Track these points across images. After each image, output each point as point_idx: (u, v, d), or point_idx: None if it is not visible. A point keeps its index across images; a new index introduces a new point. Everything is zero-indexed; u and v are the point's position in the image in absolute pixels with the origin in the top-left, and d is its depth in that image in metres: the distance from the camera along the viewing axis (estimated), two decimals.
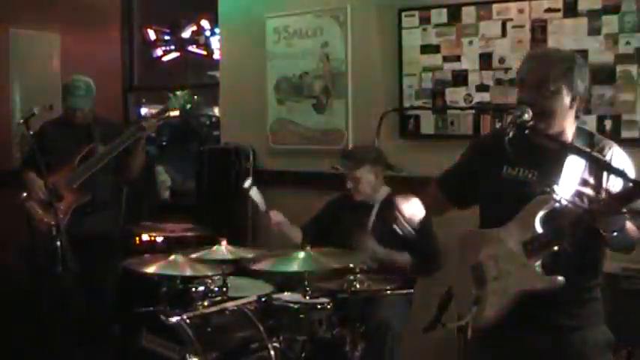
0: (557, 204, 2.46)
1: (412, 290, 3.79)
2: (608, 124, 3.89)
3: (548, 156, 2.55)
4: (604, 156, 2.53)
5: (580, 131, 2.63)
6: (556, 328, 2.56)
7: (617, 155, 2.57)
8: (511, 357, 2.62)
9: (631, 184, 2.30)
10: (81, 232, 4.36)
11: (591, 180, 2.47)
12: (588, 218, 2.35)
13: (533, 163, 2.57)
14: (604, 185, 2.45)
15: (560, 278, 2.41)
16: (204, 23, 6.70)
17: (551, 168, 2.53)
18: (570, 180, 2.49)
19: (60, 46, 6.36)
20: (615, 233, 2.35)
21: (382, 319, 3.68)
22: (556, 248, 2.45)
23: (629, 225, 2.41)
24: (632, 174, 2.49)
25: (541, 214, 2.48)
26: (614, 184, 2.43)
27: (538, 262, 2.47)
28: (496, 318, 2.54)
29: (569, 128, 2.59)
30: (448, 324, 2.86)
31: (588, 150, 2.48)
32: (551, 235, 2.46)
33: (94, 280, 4.52)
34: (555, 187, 2.48)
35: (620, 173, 2.39)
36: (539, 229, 2.48)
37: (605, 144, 2.61)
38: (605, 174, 2.47)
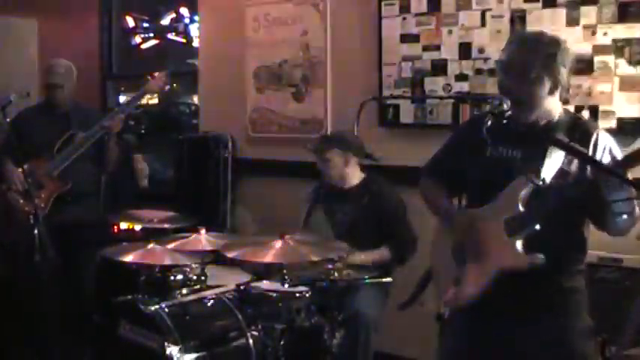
0: (540, 183, 2.47)
1: (391, 279, 3.80)
2: (585, 114, 3.91)
3: (531, 136, 2.56)
4: (588, 142, 2.53)
5: (566, 114, 2.64)
6: (535, 317, 2.57)
7: (602, 140, 2.56)
8: (486, 344, 2.63)
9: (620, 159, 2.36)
10: (60, 221, 4.34)
11: (575, 159, 2.49)
12: (591, 188, 2.36)
13: (516, 143, 2.58)
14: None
15: (540, 256, 2.41)
16: (184, 11, 6.64)
17: (535, 148, 2.53)
18: (554, 159, 2.50)
19: (37, 33, 6.30)
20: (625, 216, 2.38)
21: (358, 307, 3.68)
22: (537, 227, 2.45)
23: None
24: (618, 155, 2.51)
25: (524, 193, 2.49)
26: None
27: (519, 241, 2.48)
28: (474, 296, 2.54)
29: (555, 111, 2.60)
30: (426, 303, 2.86)
31: (567, 141, 2.47)
32: (532, 213, 2.47)
33: (72, 269, 4.50)
34: (539, 166, 2.49)
35: (598, 164, 2.42)
36: (521, 208, 2.49)
37: (589, 127, 2.62)
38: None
